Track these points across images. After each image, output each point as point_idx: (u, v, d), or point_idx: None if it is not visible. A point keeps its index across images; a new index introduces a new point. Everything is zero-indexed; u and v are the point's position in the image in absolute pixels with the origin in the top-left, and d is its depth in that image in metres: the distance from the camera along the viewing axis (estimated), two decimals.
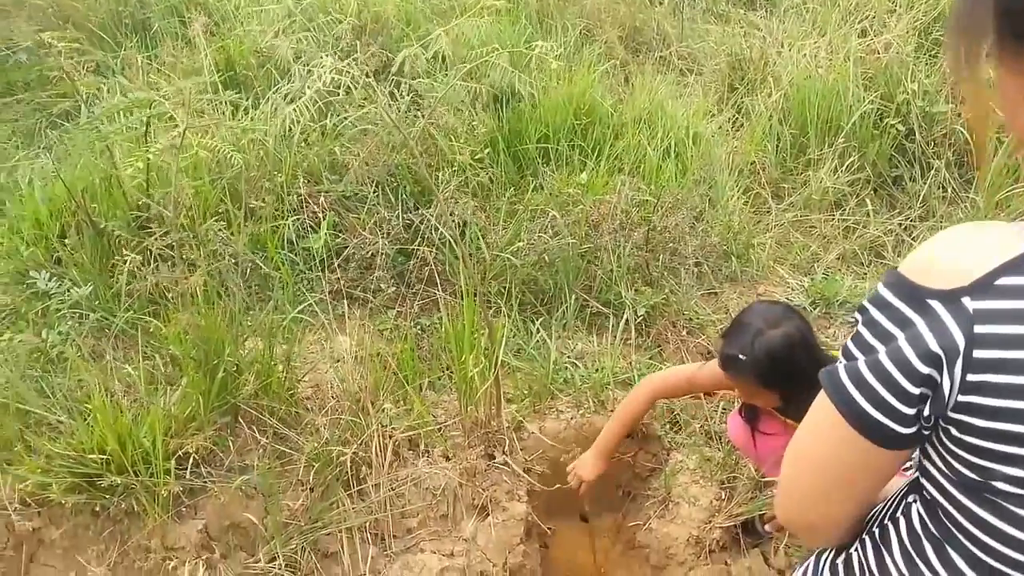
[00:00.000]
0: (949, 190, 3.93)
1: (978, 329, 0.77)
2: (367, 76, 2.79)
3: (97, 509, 2.43)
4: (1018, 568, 0.85)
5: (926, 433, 0.87)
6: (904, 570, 0.97)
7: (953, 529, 0.90)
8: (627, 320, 3.19)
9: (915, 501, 0.98)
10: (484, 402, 2.75)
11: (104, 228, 3.09)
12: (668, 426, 2.93)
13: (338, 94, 3.38)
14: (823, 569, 1.14)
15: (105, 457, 2.39)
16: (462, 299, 2.78)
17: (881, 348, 0.84)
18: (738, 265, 3.53)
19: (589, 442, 2.87)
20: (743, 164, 3.96)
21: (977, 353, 0.78)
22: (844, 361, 0.89)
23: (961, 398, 0.80)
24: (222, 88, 3.74)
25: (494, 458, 2.73)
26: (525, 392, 2.96)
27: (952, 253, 0.81)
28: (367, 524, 2.56)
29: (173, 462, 2.43)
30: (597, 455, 2.58)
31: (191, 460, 2.47)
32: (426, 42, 2.79)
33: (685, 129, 3.96)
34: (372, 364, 2.82)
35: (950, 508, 0.90)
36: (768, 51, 4.63)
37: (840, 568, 1.10)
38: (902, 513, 1.00)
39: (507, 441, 2.75)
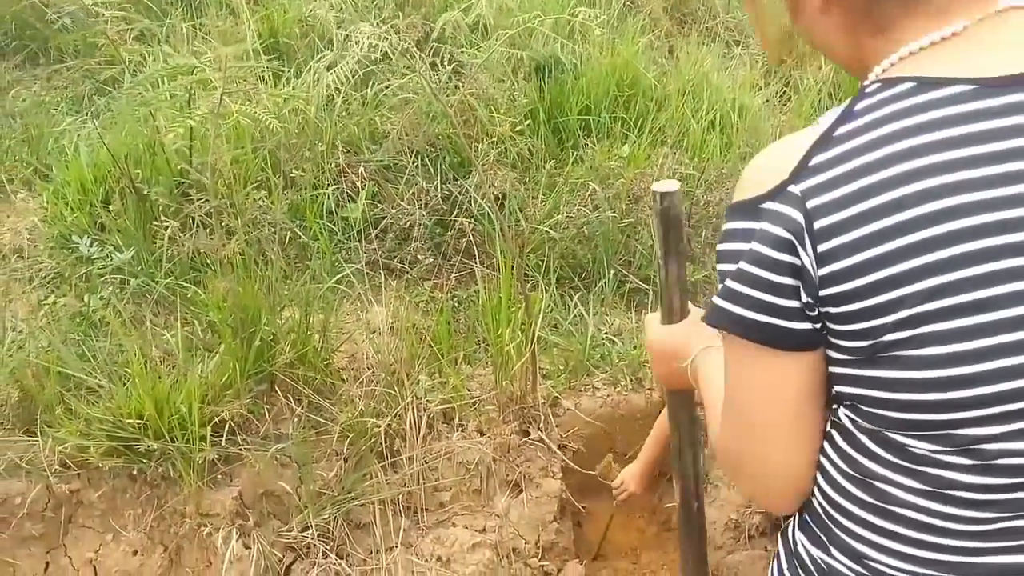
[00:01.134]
0: None
1: (810, 204, 0.81)
2: (407, 44, 2.70)
3: (134, 473, 2.41)
4: (940, 409, 0.82)
5: (819, 328, 0.86)
6: (847, 468, 0.92)
7: (876, 410, 0.87)
8: None
9: (834, 416, 0.94)
10: (520, 377, 2.67)
11: (147, 194, 3.05)
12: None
13: (385, 61, 3.30)
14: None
15: (143, 422, 2.36)
16: (499, 272, 2.70)
17: (737, 264, 0.86)
18: None
19: (625, 421, 2.80)
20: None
21: (818, 224, 0.80)
22: (720, 288, 0.89)
23: (822, 272, 0.81)
24: (264, 56, 3.67)
25: (528, 434, 2.66)
26: (561, 368, 2.88)
27: (765, 161, 0.87)
28: (400, 496, 2.51)
29: (209, 429, 2.39)
30: (644, 467, 2.45)
31: (227, 427, 2.44)
32: (468, 6, 2.69)
33: (731, 102, 3.81)
34: (407, 336, 2.76)
35: (863, 391, 0.86)
36: None
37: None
38: (828, 431, 0.95)
39: (542, 417, 2.68)
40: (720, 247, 0.90)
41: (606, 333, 3.03)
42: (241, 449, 2.46)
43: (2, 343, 2.59)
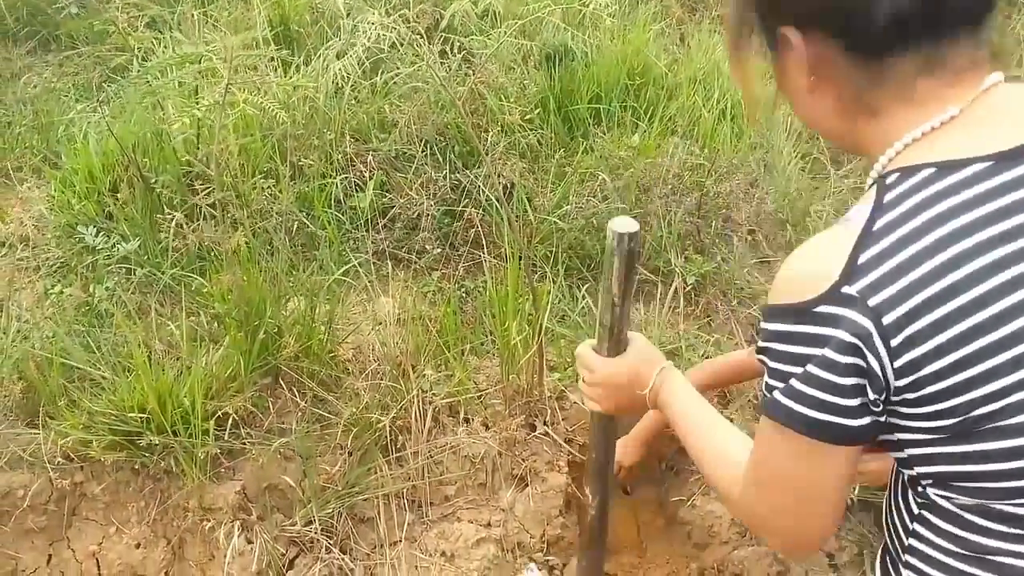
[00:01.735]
0: None
1: (872, 302, 0.80)
2: (416, 33, 2.60)
3: (137, 467, 2.34)
4: None
5: (881, 420, 0.87)
6: (957, 549, 0.90)
7: (976, 484, 0.85)
8: (676, 289, 2.98)
9: (923, 497, 0.92)
10: (526, 370, 2.59)
11: (154, 183, 2.97)
12: (716, 400, 2.73)
13: (392, 50, 3.20)
14: None
15: (145, 416, 2.29)
16: (507, 262, 2.61)
17: (803, 367, 0.85)
18: (794, 233, 3.28)
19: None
20: (802, 128, 3.68)
21: (886, 320, 0.80)
22: (779, 387, 0.89)
23: (898, 363, 0.81)
24: (273, 44, 3.58)
25: (535, 428, 2.57)
26: (568, 360, 2.78)
27: (804, 265, 0.87)
28: (404, 491, 2.44)
29: (212, 423, 2.32)
30: (637, 441, 2.40)
31: (230, 421, 2.36)
32: None
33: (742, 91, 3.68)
34: (414, 327, 2.67)
35: (955, 468, 0.85)
36: None
37: None
38: (918, 513, 0.93)
39: (548, 411, 2.59)
40: (773, 348, 0.89)
41: None
42: (245, 443, 2.39)
43: (7, 333, 2.52)
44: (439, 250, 3.05)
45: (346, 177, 3.15)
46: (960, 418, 0.82)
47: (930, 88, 0.85)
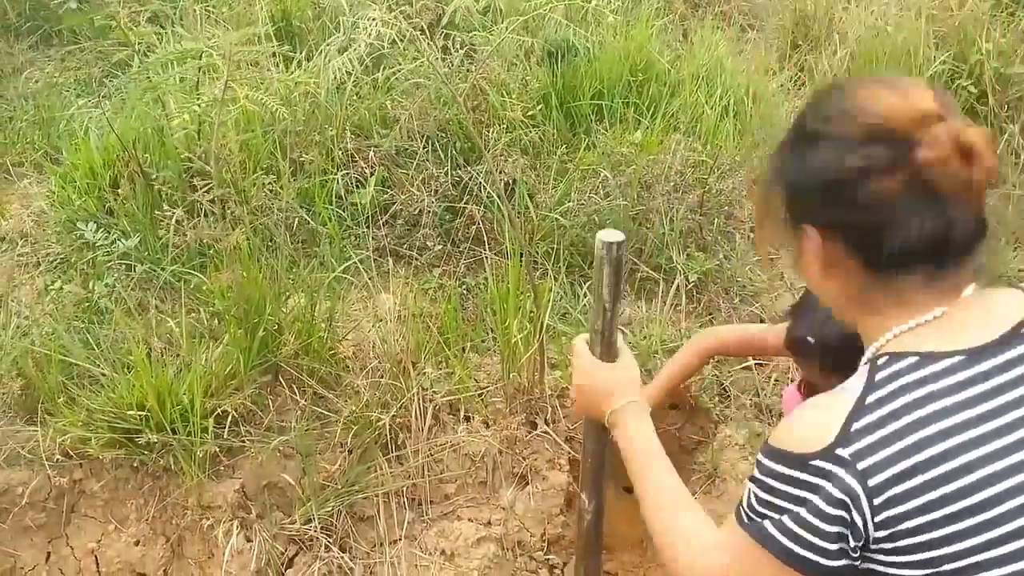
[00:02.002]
0: (1023, 156, 3.57)
1: (861, 465, 0.93)
2: (416, 29, 2.56)
3: (136, 465, 2.32)
4: None
5: (856, 561, 0.97)
6: None
7: None
8: (678, 286, 2.94)
9: None
10: (527, 368, 2.56)
11: (154, 179, 2.94)
12: (717, 398, 2.70)
13: (392, 46, 3.16)
14: None
15: (144, 414, 2.26)
16: (509, 259, 2.57)
17: (796, 508, 0.97)
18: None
19: None
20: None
21: (872, 481, 0.92)
22: (771, 517, 0.99)
23: (878, 519, 0.93)
24: (275, 40, 3.54)
25: (536, 426, 2.54)
26: (570, 358, 2.74)
27: (807, 423, 0.99)
28: (404, 489, 2.41)
29: (211, 420, 2.29)
30: (657, 391, 2.29)
31: (229, 419, 2.33)
32: None
33: (745, 88, 3.64)
34: (414, 324, 2.64)
35: None
36: (834, 7, 4.25)
37: None
38: None
39: (549, 409, 2.56)
40: (767, 482, 1.00)
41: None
42: (244, 441, 2.36)
43: (6, 329, 2.49)
44: (440, 247, 3.02)
45: (347, 173, 3.12)
46: (933, 570, 0.93)
47: (923, 298, 0.99)
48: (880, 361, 0.98)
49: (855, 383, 0.98)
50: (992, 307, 1.00)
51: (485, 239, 2.95)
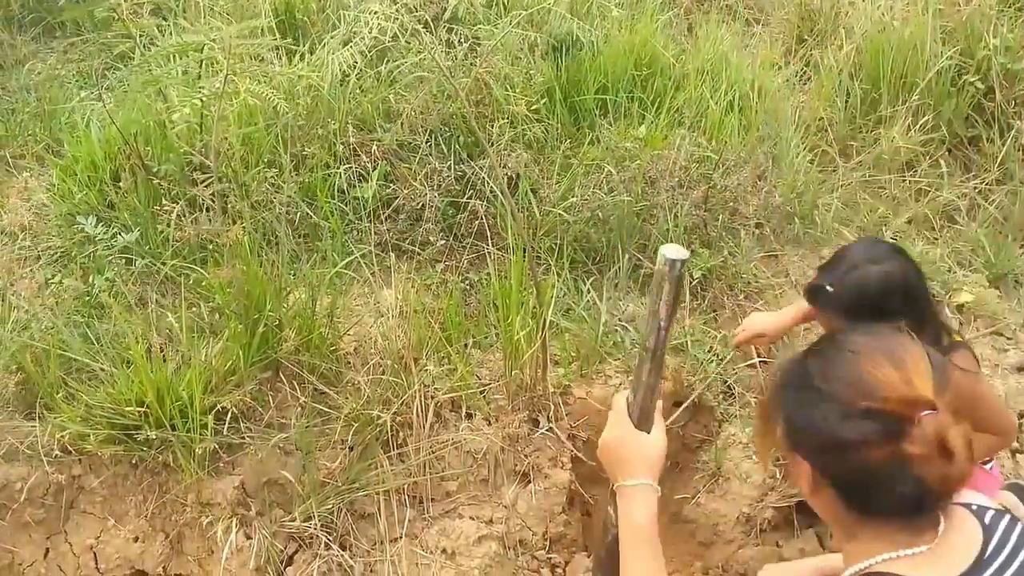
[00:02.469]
0: None
1: None
2: (418, 22, 2.51)
3: (135, 461, 2.28)
4: None
5: None
6: None
7: None
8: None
9: None
10: (530, 365, 2.51)
11: (155, 172, 2.89)
12: (721, 396, 2.66)
13: (396, 40, 3.11)
14: None
15: (143, 410, 2.23)
16: (512, 255, 2.53)
17: None
18: (801, 227, 3.20)
19: None
20: (810, 120, 3.59)
21: None
22: None
23: None
24: (278, 33, 3.49)
25: (538, 424, 2.50)
26: (573, 355, 2.71)
27: None
28: (405, 487, 2.37)
29: (211, 417, 2.26)
30: (779, 321, 2.40)
31: (229, 415, 2.30)
32: None
33: (750, 82, 3.58)
34: (416, 320, 2.60)
35: None
36: (840, 1, 4.18)
37: None
38: None
39: (552, 407, 2.52)
40: None
41: (619, 319, 2.85)
42: (244, 437, 2.33)
43: (5, 323, 2.46)
44: (443, 242, 2.97)
45: (350, 167, 3.07)
46: None
47: (901, 537, 1.07)
48: None
49: None
50: (960, 539, 1.09)
51: (488, 234, 2.90)
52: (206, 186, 2.38)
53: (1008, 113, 3.66)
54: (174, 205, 2.50)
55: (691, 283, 2.92)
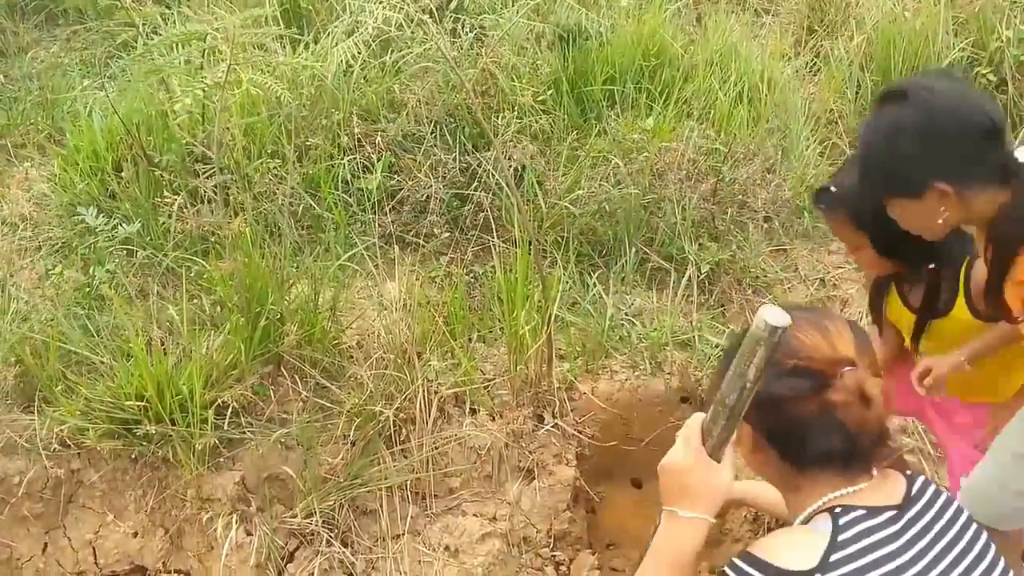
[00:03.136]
0: None
1: None
2: (424, 12, 2.46)
3: (134, 455, 2.24)
4: None
5: None
6: None
7: None
8: (690, 276, 2.85)
9: None
10: (535, 360, 2.47)
11: (157, 163, 2.85)
12: None
13: (401, 29, 3.05)
14: None
15: (143, 404, 2.19)
16: (517, 248, 2.48)
17: None
18: (811, 221, 3.14)
19: (644, 406, 2.60)
20: (820, 112, 3.53)
21: None
22: None
23: None
24: (282, 22, 3.44)
25: (543, 420, 2.46)
26: (578, 349, 2.66)
27: (795, 548, 1.14)
28: (408, 483, 2.33)
29: (211, 412, 2.22)
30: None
31: (230, 410, 2.26)
32: None
33: (759, 73, 3.53)
34: (420, 314, 2.55)
35: None
36: None
37: None
38: None
39: (557, 402, 2.48)
40: None
41: (626, 313, 2.80)
42: (245, 432, 2.29)
43: (5, 314, 2.42)
44: (447, 234, 2.92)
45: (354, 159, 3.02)
46: None
47: (837, 482, 1.19)
48: (836, 511, 1.17)
49: (823, 526, 1.16)
50: (889, 482, 1.23)
51: (493, 227, 2.85)
52: (208, 177, 2.34)
53: (1020, 106, 3.59)
54: (176, 196, 2.45)
55: (699, 277, 2.87)
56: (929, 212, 1.52)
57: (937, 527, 1.21)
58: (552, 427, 2.46)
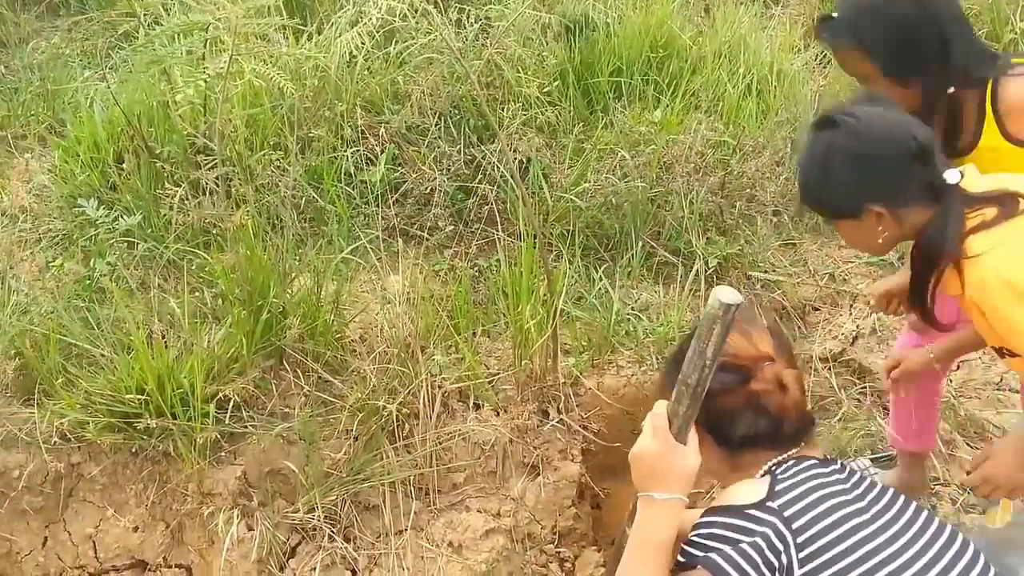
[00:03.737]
0: None
1: (786, 513, 1.29)
2: (428, 2, 2.44)
3: (135, 449, 2.24)
4: None
5: None
6: None
7: None
8: (697, 271, 2.83)
9: None
10: (540, 354, 2.46)
11: (158, 154, 2.84)
12: None
13: (405, 20, 3.04)
14: None
15: (144, 397, 2.18)
16: (522, 241, 2.47)
17: (740, 539, 1.27)
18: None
19: (650, 401, 2.56)
20: (830, 105, 3.50)
21: (794, 525, 1.28)
22: (717, 548, 1.28)
23: (800, 555, 1.26)
24: (285, 12, 3.42)
25: (548, 415, 2.45)
26: (584, 344, 2.65)
27: (744, 487, 1.35)
28: (411, 478, 2.32)
29: (213, 405, 2.21)
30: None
31: (232, 404, 2.25)
32: None
33: (768, 65, 3.51)
34: (424, 308, 2.54)
35: None
36: None
37: None
38: None
39: (562, 398, 2.46)
40: (717, 531, 1.30)
41: (632, 308, 2.79)
42: (246, 426, 2.28)
43: (5, 307, 2.41)
44: (451, 227, 2.91)
45: (357, 150, 3.01)
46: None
47: (768, 455, 1.40)
48: (774, 463, 1.38)
49: (765, 477, 1.37)
50: (816, 450, 1.45)
51: (498, 220, 2.84)
52: (210, 169, 2.33)
53: None
54: (177, 188, 2.44)
55: (706, 272, 2.85)
56: (869, 232, 1.61)
57: (869, 479, 1.41)
58: (557, 422, 2.45)
